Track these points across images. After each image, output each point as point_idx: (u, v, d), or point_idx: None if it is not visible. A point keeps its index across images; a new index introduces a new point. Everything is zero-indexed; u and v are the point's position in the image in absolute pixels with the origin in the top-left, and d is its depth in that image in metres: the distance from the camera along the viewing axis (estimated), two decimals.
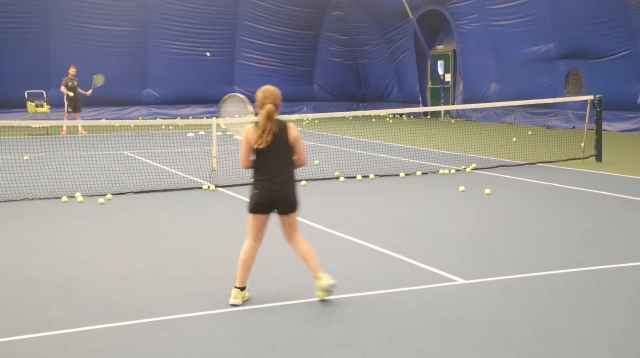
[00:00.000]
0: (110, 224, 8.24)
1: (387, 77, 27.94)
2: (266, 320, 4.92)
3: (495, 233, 7.56)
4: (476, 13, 22.84)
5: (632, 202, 9.17)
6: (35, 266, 6.40)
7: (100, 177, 11.28)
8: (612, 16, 18.29)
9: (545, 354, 4.25)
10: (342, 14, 28.21)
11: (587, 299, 5.28)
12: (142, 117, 25.86)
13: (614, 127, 18.86)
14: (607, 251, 6.68)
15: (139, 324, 4.83)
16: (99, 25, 25.24)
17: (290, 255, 6.65)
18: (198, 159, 13.24)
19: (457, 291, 5.51)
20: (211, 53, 26.77)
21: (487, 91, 23.05)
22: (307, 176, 11.42)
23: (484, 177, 11.44)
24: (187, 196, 10.03)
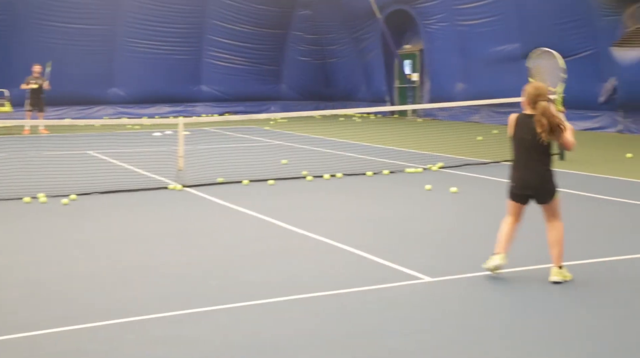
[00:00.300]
0: (74, 225, 8.13)
1: (355, 77, 28.03)
2: (233, 320, 4.90)
3: (461, 231, 7.65)
4: (443, 13, 23.04)
5: (594, 200, 9.35)
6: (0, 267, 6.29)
7: (64, 177, 11.12)
8: (575, 17, 18.62)
9: (509, 349, 4.31)
10: (310, 13, 28.21)
11: (550, 295, 5.37)
12: (108, 116, 25.54)
13: (577, 126, 19.15)
14: (570, 248, 6.78)
15: (106, 326, 4.78)
16: (63, 24, 24.85)
17: (255, 255, 6.64)
18: (164, 159, 13.13)
19: (423, 289, 5.55)
20: (178, 52, 26.52)
21: (453, 90, 23.28)
22: (275, 176, 11.40)
23: (450, 175, 11.56)
24: (153, 196, 9.94)
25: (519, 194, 5.72)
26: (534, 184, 5.65)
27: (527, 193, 5.68)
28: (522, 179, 5.68)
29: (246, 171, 11.81)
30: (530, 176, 5.65)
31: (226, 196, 9.75)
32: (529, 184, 5.66)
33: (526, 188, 5.67)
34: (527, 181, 5.66)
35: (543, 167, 5.65)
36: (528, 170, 5.65)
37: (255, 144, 16.85)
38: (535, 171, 5.64)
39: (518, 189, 5.71)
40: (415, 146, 15.34)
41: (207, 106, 27.39)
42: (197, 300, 5.29)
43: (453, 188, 9.96)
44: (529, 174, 5.65)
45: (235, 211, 8.83)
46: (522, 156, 5.70)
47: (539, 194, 5.67)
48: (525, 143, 5.66)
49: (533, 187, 5.66)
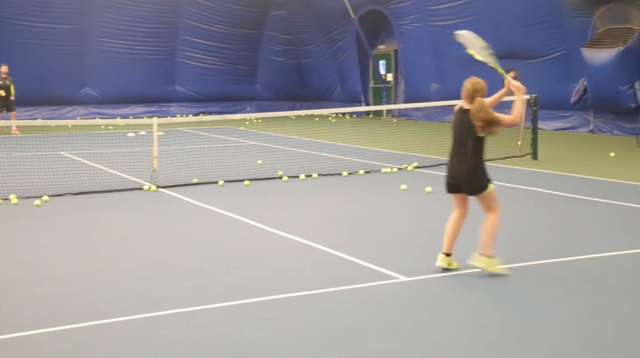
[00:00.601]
0: (47, 226, 8.03)
1: (330, 77, 28.07)
2: (208, 321, 4.88)
3: (437, 231, 7.68)
4: (416, 13, 23.16)
5: (567, 199, 9.47)
6: None
7: (36, 178, 10.97)
8: (546, 18, 18.84)
9: (485, 348, 4.35)
10: (285, 13, 28.18)
11: (524, 293, 5.43)
12: (80, 117, 25.26)
13: (549, 126, 19.42)
14: (543, 246, 6.87)
15: (78, 328, 4.72)
16: (34, 23, 24.52)
17: (230, 256, 6.62)
18: (139, 160, 13.02)
19: (399, 289, 5.58)
20: (152, 51, 26.35)
21: (428, 90, 23.41)
22: (250, 176, 11.37)
23: (425, 175, 11.62)
24: (128, 197, 9.85)
25: (449, 184, 5.93)
26: (460, 176, 5.83)
27: (455, 182, 5.87)
28: (451, 170, 5.89)
29: (221, 172, 11.76)
30: (458, 168, 5.83)
31: (201, 197, 9.70)
32: (455, 175, 5.86)
33: (453, 178, 5.87)
34: (454, 172, 5.85)
35: (471, 161, 5.79)
36: (457, 162, 5.85)
37: (230, 144, 16.79)
38: (462, 163, 5.81)
39: (448, 178, 5.93)
40: (391, 146, 15.40)
41: (182, 107, 27.23)
42: (173, 301, 5.26)
43: (428, 188, 10.02)
44: (457, 166, 5.83)
45: (210, 212, 8.79)
46: (454, 148, 5.90)
47: (465, 187, 5.85)
48: (458, 136, 5.87)
49: (459, 178, 5.84)
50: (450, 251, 5.94)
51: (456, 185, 5.86)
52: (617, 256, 6.45)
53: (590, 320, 4.85)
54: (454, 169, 5.83)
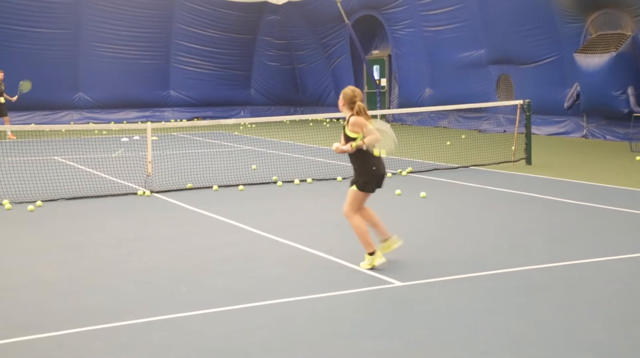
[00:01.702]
0: (40, 231, 8.01)
1: (324, 82, 28.10)
2: (201, 326, 4.87)
3: (431, 236, 7.71)
4: (410, 19, 23.23)
5: (560, 204, 9.50)
6: None
7: (29, 183, 10.94)
8: (539, 23, 18.92)
9: (478, 353, 4.36)
10: (279, 18, 28.21)
11: (518, 298, 5.44)
12: (74, 122, 25.20)
13: (543, 131, 19.48)
14: (537, 251, 6.89)
15: (73, 333, 4.71)
16: (27, 28, 24.46)
17: (225, 260, 6.62)
18: (133, 165, 13.00)
19: (393, 294, 5.58)
20: (145, 56, 26.34)
21: (421, 95, 23.47)
22: (245, 181, 11.37)
23: (419, 180, 11.64)
24: (122, 202, 9.84)
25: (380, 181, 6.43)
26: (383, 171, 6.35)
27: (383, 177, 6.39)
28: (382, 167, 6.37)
29: (215, 177, 11.76)
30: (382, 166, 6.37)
31: (196, 202, 9.69)
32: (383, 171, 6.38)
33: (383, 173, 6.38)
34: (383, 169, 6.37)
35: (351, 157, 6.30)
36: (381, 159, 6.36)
37: (224, 149, 16.78)
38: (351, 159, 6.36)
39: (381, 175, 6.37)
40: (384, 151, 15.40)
41: (176, 111, 27.20)
42: (167, 306, 5.25)
43: (422, 193, 10.03)
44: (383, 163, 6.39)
45: (205, 217, 8.79)
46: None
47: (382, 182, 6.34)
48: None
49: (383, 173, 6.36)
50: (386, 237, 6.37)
51: (384, 176, 6.31)
52: (611, 261, 6.47)
53: (585, 324, 4.86)
54: (383, 166, 6.26)
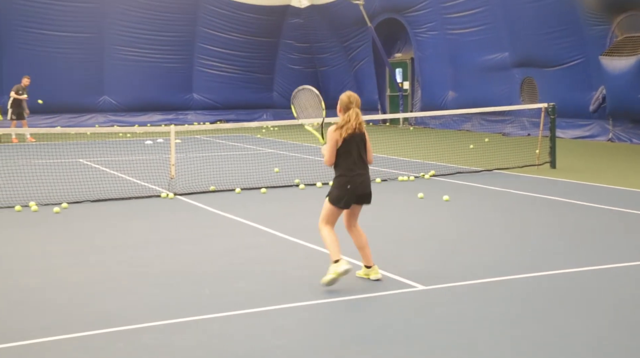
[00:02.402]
0: (66, 233, 8.09)
1: (346, 85, 28.09)
2: (224, 329, 4.89)
3: (454, 239, 7.66)
4: (433, 22, 23.15)
5: (585, 208, 9.39)
6: None
7: (55, 185, 11.07)
8: (564, 26, 18.75)
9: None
10: (301, 21, 28.28)
11: (543, 303, 5.38)
12: (99, 124, 25.47)
13: (568, 135, 19.29)
14: (562, 256, 6.82)
15: (97, 335, 4.75)
16: (53, 32, 24.80)
17: (247, 263, 6.63)
18: (156, 167, 13.10)
19: (416, 297, 5.55)
20: (169, 60, 26.54)
21: (444, 98, 23.36)
22: (267, 184, 11.39)
23: (442, 184, 11.58)
24: (145, 205, 9.91)
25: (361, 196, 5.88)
26: (369, 187, 5.90)
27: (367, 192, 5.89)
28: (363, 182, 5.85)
29: (238, 180, 11.80)
30: (366, 179, 5.88)
31: (218, 205, 9.74)
32: (367, 186, 5.89)
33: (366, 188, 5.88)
34: (366, 183, 5.88)
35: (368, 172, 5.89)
36: (363, 174, 5.86)
37: (247, 152, 16.84)
38: (367, 174, 5.86)
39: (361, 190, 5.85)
40: (407, 154, 15.37)
41: (199, 114, 27.37)
42: (190, 308, 5.27)
43: (446, 196, 9.98)
44: (365, 178, 5.86)
45: (227, 220, 8.82)
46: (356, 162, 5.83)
47: (369, 198, 5.90)
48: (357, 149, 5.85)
49: (368, 189, 5.90)
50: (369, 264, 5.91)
51: (365, 196, 5.77)
52: (637, 266, 6.37)
53: (610, 331, 4.80)
54: (365, 181, 5.76)
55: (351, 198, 5.69)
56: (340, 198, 5.68)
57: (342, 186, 5.68)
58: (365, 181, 5.75)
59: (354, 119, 5.72)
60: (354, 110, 5.77)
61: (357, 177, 5.70)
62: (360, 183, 5.70)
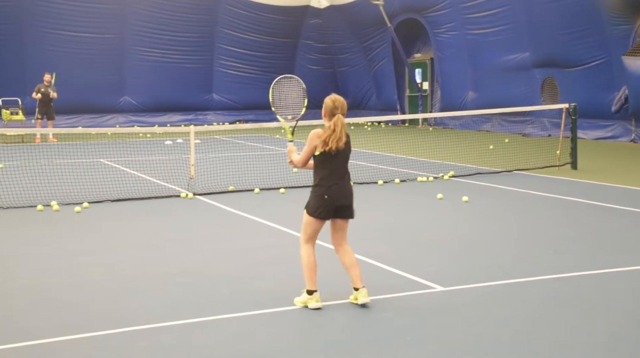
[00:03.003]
0: (86, 232, 8.16)
1: (365, 85, 28.07)
2: (245, 329, 4.90)
3: (474, 240, 7.61)
4: (453, 22, 23.04)
5: (607, 209, 9.29)
6: (11, 275, 6.31)
7: (76, 185, 11.18)
8: (586, 26, 18.57)
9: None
10: (320, 22, 28.29)
11: (564, 306, 5.33)
12: (120, 125, 25.67)
13: (589, 135, 19.10)
14: (583, 258, 6.75)
15: (117, 334, 4.78)
16: (75, 33, 25.05)
17: (266, 263, 6.65)
18: (176, 167, 13.17)
19: (435, 299, 5.53)
20: (189, 60, 26.67)
21: (464, 99, 23.25)
22: (286, 184, 11.41)
23: (461, 184, 11.52)
24: (165, 204, 9.97)
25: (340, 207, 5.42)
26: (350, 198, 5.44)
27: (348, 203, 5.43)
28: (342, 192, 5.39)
29: (257, 180, 11.83)
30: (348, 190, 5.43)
31: (237, 205, 9.77)
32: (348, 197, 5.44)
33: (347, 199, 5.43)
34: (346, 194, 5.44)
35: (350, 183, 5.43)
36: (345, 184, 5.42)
37: (266, 152, 16.88)
38: (348, 185, 5.40)
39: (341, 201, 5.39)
40: (427, 155, 15.32)
41: (219, 115, 27.50)
42: (209, 308, 5.30)
43: (465, 197, 9.92)
44: (346, 188, 5.41)
45: (246, 220, 8.84)
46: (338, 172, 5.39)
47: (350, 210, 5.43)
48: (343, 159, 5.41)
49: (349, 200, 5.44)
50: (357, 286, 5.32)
51: (344, 207, 5.34)
52: None
53: (630, 334, 4.74)
54: (345, 190, 5.32)
55: (329, 208, 5.26)
56: (317, 208, 5.26)
57: (319, 196, 5.26)
58: (344, 191, 5.30)
59: (340, 129, 5.22)
60: (339, 118, 5.24)
61: (335, 187, 5.27)
62: (338, 192, 5.27)
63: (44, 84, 20.58)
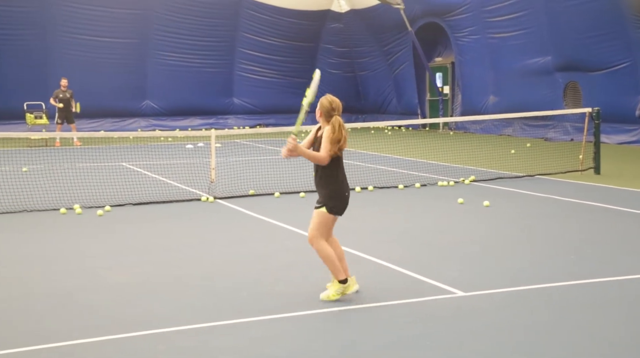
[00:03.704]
0: (108, 236, 8.22)
1: (386, 89, 28.01)
2: (263, 332, 4.90)
3: (494, 245, 7.56)
4: (474, 26, 22.93)
5: (630, 214, 9.17)
6: (32, 277, 6.38)
7: (98, 189, 11.28)
8: (610, 29, 18.37)
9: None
10: (341, 26, 28.30)
11: (585, 312, 5.27)
12: (141, 128, 25.86)
13: (612, 140, 18.89)
14: (605, 263, 6.67)
15: (136, 337, 4.81)
16: (97, 37, 25.29)
17: (285, 267, 6.65)
18: (197, 171, 13.24)
19: (456, 304, 5.49)
20: (210, 65, 26.81)
21: (485, 103, 23.11)
22: (306, 188, 11.41)
23: (482, 189, 11.45)
24: (186, 208, 10.02)
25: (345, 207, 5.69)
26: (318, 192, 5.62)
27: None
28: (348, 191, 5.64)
29: (277, 184, 11.85)
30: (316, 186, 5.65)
31: (257, 209, 9.79)
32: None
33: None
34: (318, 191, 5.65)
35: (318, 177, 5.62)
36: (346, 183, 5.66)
37: None
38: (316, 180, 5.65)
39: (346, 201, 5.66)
40: (447, 160, 15.24)
41: (239, 119, 27.60)
42: (228, 311, 5.31)
43: (486, 202, 9.86)
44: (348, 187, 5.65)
45: (266, 223, 8.86)
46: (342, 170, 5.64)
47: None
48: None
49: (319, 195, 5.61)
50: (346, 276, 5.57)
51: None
52: None
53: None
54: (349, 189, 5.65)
55: (345, 204, 5.58)
56: (340, 206, 5.52)
57: (341, 195, 5.52)
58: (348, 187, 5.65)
59: (344, 128, 5.50)
60: (336, 118, 5.47)
61: (347, 184, 5.63)
62: (348, 189, 5.62)
63: (61, 90, 20.80)
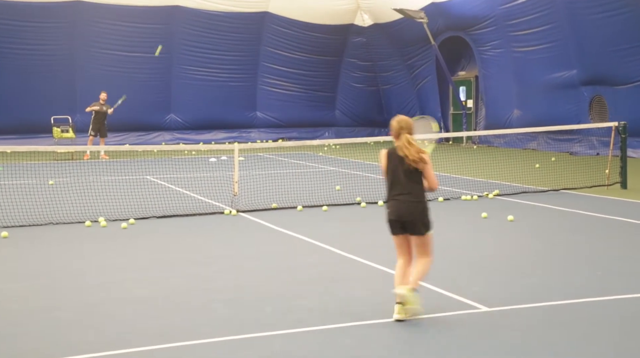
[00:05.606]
0: (132, 248, 8.29)
1: (409, 103, 27.96)
2: (285, 347, 4.89)
3: (519, 260, 7.48)
4: (498, 39, 22.85)
5: None
6: (57, 290, 6.45)
7: (123, 202, 11.38)
8: (636, 42, 18.19)
9: None
10: (364, 40, 28.37)
11: (612, 328, 5.19)
12: (165, 142, 26.09)
13: (638, 154, 18.65)
14: (632, 279, 6.57)
15: (161, 349, 4.83)
16: (123, 52, 25.62)
17: (308, 281, 6.64)
18: (220, 184, 13.31)
19: (479, 319, 5.44)
20: (234, 79, 27.01)
21: (509, 117, 22.97)
22: (329, 202, 11.42)
23: (506, 203, 11.36)
24: (209, 221, 10.07)
25: (394, 224, 5.56)
26: (405, 214, 5.50)
27: (402, 219, 5.52)
28: (396, 210, 5.54)
29: (300, 197, 11.87)
30: (402, 207, 5.52)
31: (280, 222, 9.80)
32: (401, 213, 5.51)
33: (400, 216, 5.52)
34: (400, 211, 5.52)
35: (415, 198, 5.52)
36: (400, 201, 5.53)
37: (309, 170, 16.93)
38: (406, 202, 5.51)
39: (392, 216, 5.55)
40: (471, 173, 15.16)
41: (262, 132, 27.72)
42: (251, 325, 5.31)
43: (510, 216, 9.78)
44: (401, 205, 5.52)
45: (289, 237, 8.87)
46: (394, 188, 5.58)
47: (411, 225, 5.50)
48: (397, 175, 5.59)
49: (405, 216, 5.50)
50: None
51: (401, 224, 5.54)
52: None
53: None
54: (399, 208, 5.53)
55: (393, 223, 5.54)
56: (388, 223, 5.59)
57: (387, 212, 5.62)
58: (402, 205, 5.50)
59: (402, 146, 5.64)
60: (406, 138, 5.65)
61: (397, 203, 5.53)
62: (400, 210, 5.51)
63: (99, 103, 21.14)
